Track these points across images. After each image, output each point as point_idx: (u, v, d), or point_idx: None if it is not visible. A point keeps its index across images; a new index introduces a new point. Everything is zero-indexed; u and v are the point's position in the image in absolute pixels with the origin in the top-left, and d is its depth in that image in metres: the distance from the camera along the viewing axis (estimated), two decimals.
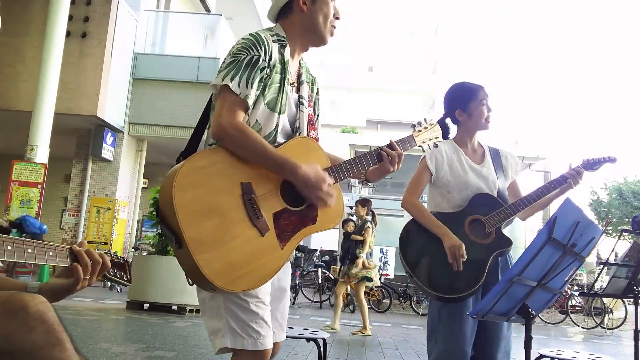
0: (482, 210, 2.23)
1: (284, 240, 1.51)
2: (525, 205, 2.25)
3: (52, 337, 1.11)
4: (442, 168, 2.29)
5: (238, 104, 1.51)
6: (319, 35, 1.68)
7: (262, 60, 1.54)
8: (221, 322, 1.51)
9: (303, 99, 1.70)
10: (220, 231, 1.43)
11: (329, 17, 1.66)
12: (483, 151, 2.42)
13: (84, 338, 4.51)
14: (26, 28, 9.82)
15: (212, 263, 1.39)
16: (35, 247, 1.19)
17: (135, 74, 11.17)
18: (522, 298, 1.76)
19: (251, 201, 1.48)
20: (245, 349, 1.48)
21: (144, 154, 11.85)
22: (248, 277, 1.44)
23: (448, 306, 2.15)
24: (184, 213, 1.38)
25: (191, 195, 1.41)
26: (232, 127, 1.48)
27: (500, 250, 2.22)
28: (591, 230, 1.77)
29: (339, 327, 6.68)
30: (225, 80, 1.51)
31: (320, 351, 2.71)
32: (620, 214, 24.53)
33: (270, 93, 1.58)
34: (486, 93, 2.35)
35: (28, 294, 1.15)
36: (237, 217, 1.46)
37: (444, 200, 2.29)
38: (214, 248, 1.41)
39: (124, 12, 10.67)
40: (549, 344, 6.68)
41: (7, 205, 8.28)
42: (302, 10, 1.65)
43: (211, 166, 1.47)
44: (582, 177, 2.31)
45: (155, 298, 6.82)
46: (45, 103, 8.26)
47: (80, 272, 1.27)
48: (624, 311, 10.13)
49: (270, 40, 1.59)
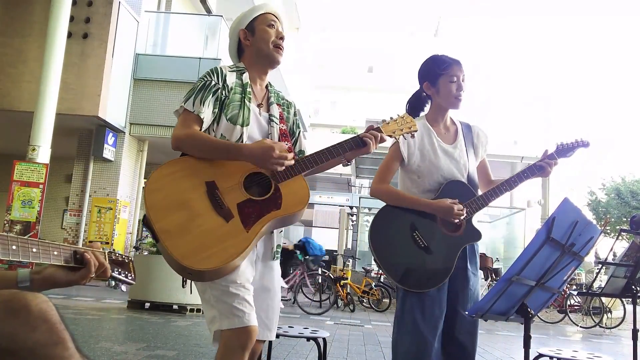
0: (454, 199, 2.17)
1: (249, 225, 1.69)
2: (497, 195, 2.21)
3: (54, 335, 1.12)
4: (414, 153, 2.23)
5: (191, 119, 1.79)
6: (267, 58, 1.96)
7: (214, 83, 1.84)
8: (214, 310, 1.73)
9: (274, 116, 1.96)
10: (187, 221, 1.65)
11: (269, 40, 1.94)
12: (456, 129, 2.34)
13: (85, 337, 4.52)
14: (28, 29, 9.84)
15: (180, 247, 1.61)
16: (40, 247, 1.20)
17: (136, 74, 11.19)
18: (521, 297, 1.77)
19: (214, 195, 1.70)
20: (232, 327, 1.67)
21: (145, 154, 11.87)
22: (215, 256, 1.63)
23: (414, 296, 2.12)
24: (154, 210, 1.64)
25: (161, 196, 1.67)
26: (183, 135, 1.76)
27: (469, 243, 2.20)
28: (589, 230, 1.78)
29: None
30: (182, 104, 1.82)
31: (320, 350, 2.72)
32: (619, 213, 24.55)
33: (231, 110, 1.85)
34: (461, 70, 2.23)
35: (30, 293, 1.16)
36: (202, 209, 1.68)
37: (414, 186, 2.23)
38: (181, 235, 1.63)
39: (125, 13, 10.69)
40: (547, 343, 6.70)
41: (9, 205, 8.29)
42: (248, 46, 1.97)
43: (177, 172, 1.73)
44: (557, 164, 2.25)
45: (156, 297, 6.84)
46: (46, 103, 8.28)
47: (92, 268, 1.28)
48: (623, 310, 10.14)
49: (226, 70, 1.89)
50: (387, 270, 2.18)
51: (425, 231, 2.15)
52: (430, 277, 2.13)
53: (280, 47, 1.95)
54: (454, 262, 2.14)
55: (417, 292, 2.12)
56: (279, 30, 1.97)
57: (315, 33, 29.98)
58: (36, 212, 8.33)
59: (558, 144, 2.33)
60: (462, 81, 2.23)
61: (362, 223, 16.01)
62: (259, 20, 1.96)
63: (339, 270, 11.18)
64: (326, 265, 11.86)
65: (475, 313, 1.73)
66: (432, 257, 2.13)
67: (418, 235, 2.15)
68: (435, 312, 2.12)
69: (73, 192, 11.16)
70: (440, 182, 2.21)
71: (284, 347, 4.76)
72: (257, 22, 1.96)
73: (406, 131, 2.01)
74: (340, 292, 10.06)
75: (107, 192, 11.02)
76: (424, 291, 2.11)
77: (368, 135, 1.93)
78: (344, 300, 10.05)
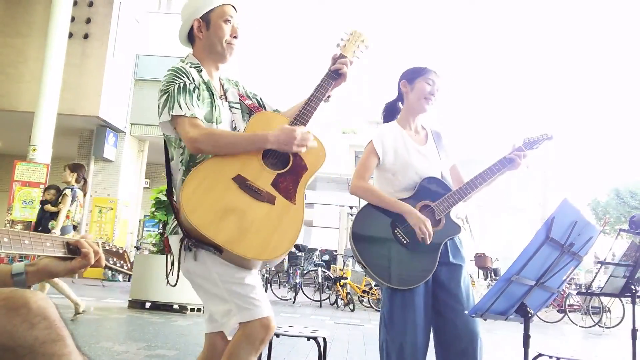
0: (432, 195, 2.22)
1: (292, 197, 1.75)
2: (473, 189, 2.24)
3: (53, 332, 1.13)
4: (388, 152, 2.28)
5: (192, 120, 1.74)
6: (219, 54, 1.91)
7: (189, 83, 1.79)
8: (229, 303, 1.71)
9: (233, 102, 1.96)
10: (240, 223, 1.66)
11: (223, 38, 1.88)
12: (426, 133, 2.42)
13: (85, 337, 4.53)
14: (29, 29, 9.86)
15: (250, 248, 1.64)
16: (31, 238, 1.21)
17: (136, 74, 11.21)
18: (521, 297, 1.78)
19: (248, 186, 1.71)
20: (254, 318, 1.68)
21: (146, 154, 11.88)
22: (283, 238, 1.69)
23: (400, 294, 2.13)
24: (206, 229, 1.62)
25: (202, 212, 1.65)
26: (201, 135, 1.71)
27: (450, 237, 2.22)
28: (589, 230, 1.79)
29: (78, 302, 5.47)
30: (170, 112, 1.74)
31: (320, 350, 2.73)
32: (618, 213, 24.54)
33: (204, 108, 1.82)
34: (438, 78, 2.34)
35: (29, 291, 1.16)
36: (245, 204, 1.69)
37: (389, 185, 2.28)
38: (244, 237, 1.65)
39: (126, 13, 10.71)
40: (547, 343, 6.70)
41: (10, 205, 8.31)
42: (201, 38, 1.91)
43: (201, 184, 1.70)
44: (526, 156, 2.32)
45: (156, 297, 6.84)
46: (47, 104, 8.30)
47: (90, 254, 1.29)
48: (622, 310, 10.14)
49: (187, 68, 1.84)
50: (371, 269, 2.16)
51: (406, 228, 2.17)
52: (414, 274, 2.13)
53: (233, 45, 1.91)
54: (437, 257, 2.16)
55: (403, 289, 2.13)
56: (234, 27, 1.91)
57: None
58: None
59: (525, 138, 2.42)
60: (437, 89, 2.34)
61: None
62: (216, 13, 1.88)
63: (339, 270, 11.18)
64: (326, 265, 11.85)
65: (475, 312, 1.74)
66: (415, 254, 2.15)
67: (400, 232, 2.17)
68: (423, 309, 2.12)
69: None
70: (415, 180, 2.25)
71: (284, 346, 4.77)
72: (214, 15, 1.88)
73: (362, 46, 2.05)
74: (340, 291, 10.06)
75: (108, 192, 11.04)
76: (409, 288, 2.12)
77: (339, 66, 1.93)
78: (344, 300, 10.05)
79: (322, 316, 8.49)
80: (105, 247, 1.44)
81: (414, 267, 2.15)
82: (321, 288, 10.42)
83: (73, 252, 1.30)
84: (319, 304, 10.17)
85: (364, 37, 2.06)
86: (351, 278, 10.81)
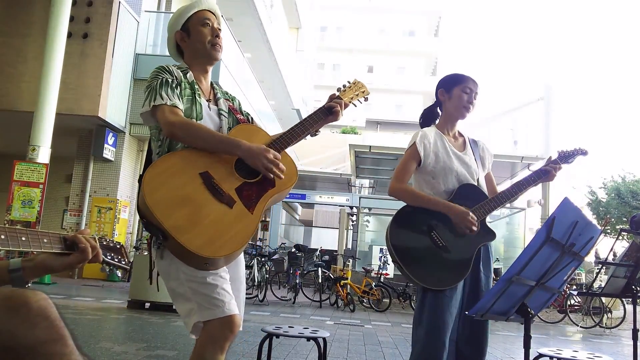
0: (468, 201, 2.26)
1: (252, 207, 1.76)
2: (509, 197, 2.32)
3: (54, 332, 1.12)
4: (429, 155, 2.31)
5: (172, 108, 1.79)
6: (205, 56, 1.98)
7: (171, 80, 1.86)
8: (190, 303, 1.73)
9: (223, 110, 2.00)
10: (194, 215, 1.67)
11: (205, 41, 1.96)
12: (464, 140, 2.47)
13: (85, 337, 4.52)
14: (28, 29, 9.85)
15: (194, 240, 1.63)
16: (29, 235, 1.21)
17: (136, 74, 11.20)
18: (521, 297, 1.77)
19: (212, 184, 1.73)
20: (214, 317, 1.69)
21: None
22: (231, 241, 1.68)
23: (432, 295, 2.18)
24: (159, 209, 1.63)
25: (160, 195, 1.67)
26: (179, 122, 1.77)
27: (484, 243, 2.27)
28: (589, 230, 1.78)
29: None
30: (152, 103, 1.80)
31: (320, 350, 2.72)
32: (619, 213, 24.54)
33: (185, 104, 1.87)
34: (476, 85, 2.38)
35: (30, 290, 1.16)
36: (204, 200, 1.71)
37: (428, 187, 2.32)
38: (192, 229, 1.65)
39: (125, 13, 10.70)
40: (547, 343, 6.70)
41: (9, 205, 8.30)
42: (186, 47, 2.00)
43: (169, 168, 1.74)
44: (561, 168, 2.41)
45: (156, 297, 6.83)
46: (46, 103, 8.28)
47: (88, 249, 1.29)
48: (623, 310, 10.15)
49: (172, 68, 1.92)
50: (407, 269, 2.20)
51: (442, 231, 2.22)
52: (448, 275, 2.19)
53: (217, 44, 1.97)
54: (471, 260, 2.21)
55: (436, 290, 2.17)
56: (215, 27, 1.98)
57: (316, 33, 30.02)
58: (36, 212, 8.34)
59: (559, 151, 2.49)
60: (474, 97, 2.37)
61: (362, 223, 16.00)
62: (193, 21, 1.96)
63: (339, 270, 11.17)
64: (326, 266, 11.85)
65: (476, 313, 1.74)
66: (450, 256, 2.20)
67: (436, 235, 2.22)
68: (452, 311, 2.17)
69: (73, 192, 11.17)
70: (454, 184, 2.30)
71: (284, 347, 4.76)
72: (191, 23, 1.96)
73: (361, 96, 2.13)
74: (340, 292, 10.06)
75: (107, 192, 11.03)
76: (442, 289, 2.17)
77: (334, 105, 2.00)
78: (344, 300, 10.04)
79: (322, 317, 8.48)
80: (103, 242, 1.44)
81: (449, 268, 2.20)
82: (321, 288, 10.42)
83: (70, 248, 1.29)
84: (319, 305, 10.17)
85: (364, 88, 2.15)
86: (351, 278, 10.80)
